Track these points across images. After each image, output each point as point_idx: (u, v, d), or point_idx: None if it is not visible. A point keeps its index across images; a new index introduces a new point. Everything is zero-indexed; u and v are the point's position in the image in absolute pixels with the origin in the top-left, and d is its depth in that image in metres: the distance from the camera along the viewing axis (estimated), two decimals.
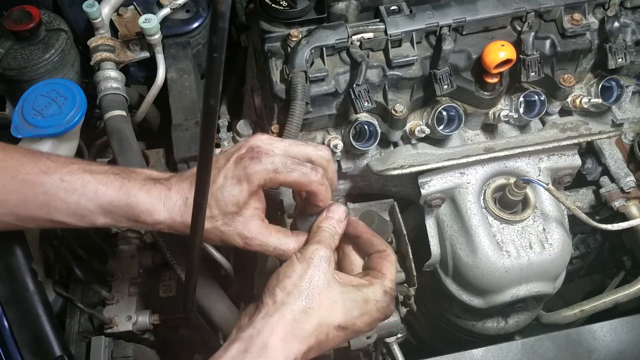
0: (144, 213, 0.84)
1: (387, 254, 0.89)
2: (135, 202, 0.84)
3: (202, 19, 1.36)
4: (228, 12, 0.51)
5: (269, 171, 0.82)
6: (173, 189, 0.85)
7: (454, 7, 1.10)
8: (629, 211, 1.23)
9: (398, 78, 1.11)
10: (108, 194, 0.84)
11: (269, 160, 0.82)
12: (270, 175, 0.82)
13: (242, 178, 0.82)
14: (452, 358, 1.10)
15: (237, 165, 0.83)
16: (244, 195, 0.83)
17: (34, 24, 1.20)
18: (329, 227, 0.86)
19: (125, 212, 0.84)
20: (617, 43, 1.14)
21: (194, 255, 0.79)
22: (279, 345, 0.75)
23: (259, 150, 0.83)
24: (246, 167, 0.82)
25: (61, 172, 0.84)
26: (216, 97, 0.58)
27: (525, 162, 1.15)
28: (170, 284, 1.26)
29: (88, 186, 0.84)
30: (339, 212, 0.88)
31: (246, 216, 0.85)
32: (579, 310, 1.28)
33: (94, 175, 0.85)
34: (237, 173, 0.82)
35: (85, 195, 0.84)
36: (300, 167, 0.84)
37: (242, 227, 0.85)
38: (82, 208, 0.84)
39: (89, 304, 1.23)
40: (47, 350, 0.95)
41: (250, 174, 0.82)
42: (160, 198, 0.84)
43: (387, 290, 0.85)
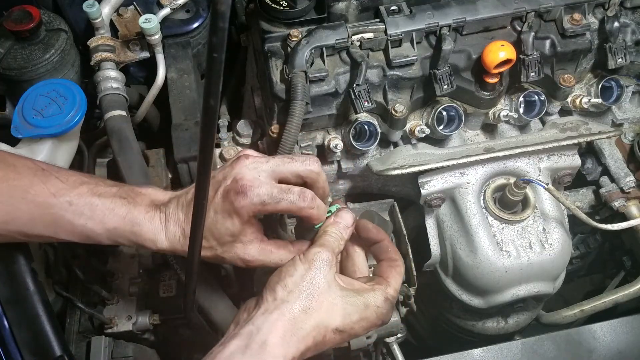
0: (147, 241, 0.88)
1: (398, 264, 0.91)
2: (139, 230, 0.87)
3: (202, 19, 1.36)
4: (228, 12, 0.51)
5: (256, 204, 0.83)
6: (171, 219, 0.88)
7: (454, 7, 1.10)
8: (628, 211, 1.23)
9: (398, 78, 1.11)
10: (114, 220, 0.87)
11: (255, 194, 0.83)
12: (257, 208, 0.84)
13: (232, 212, 0.84)
14: (452, 358, 1.10)
15: (224, 200, 0.84)
16: (237, 227, 0.85)
17: (34, 24, 1.19)
18: (335, 232, 0.87)
19: (130, 238, 0.88)
20: (617, 43, 1.14)
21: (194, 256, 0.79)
22: (278, 343, 0.75)
23: (243, 184, 0.83)
24: (233, 202, 0.83)
25: (70, 195, 0.87)
26: (216, 97, 0.58)
27: (525, 162, 1.15)
28: (170, 284, 1.26)
29: (95, 211, 0.87)
30: (347, 218, 0.90)
31: (244, 242, 0.87)
32: (579, 310, 1.28)
33: (101, 199, 0.87)
34: (225, 207, 0.84)
35: (93, 220, 0.87)
36: (287, 195, 0.84)
37: (242, 252, 0.88)
38: (88, 231, 0.87)
39: (89, 303, 1.23)
40: (47, 350, 0.95)
41: (238, 209, 0.83)
42: (161, 229, 0.87)
43: (388, 298, 0.85)
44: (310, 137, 1.15)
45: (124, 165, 1.12)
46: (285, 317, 0.77)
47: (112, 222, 0.87)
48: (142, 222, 0.87)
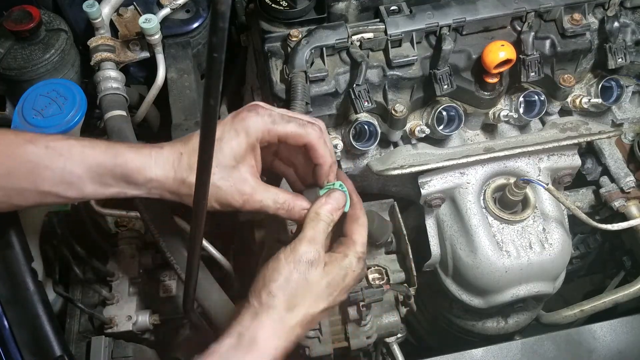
0: (134, 171, 0.81)
1: (358, 217, 0.89)
2: (123, 161, 0.81)
3: (202, 19, 1.36)
4: (228, 12, 0.51)
5: (267, 122, 0.82)
6: (165, 147, 0.83)
7: (454, 7, 1.10)
8: (628, 211, 1.23)
9: (398, 78, 1.11)
10: (95, 155, 0.81)
11: (267, 113, 0.83)
12: (268, 127, 0.82)
13: (240, 130, 0.82)
14: (452, 358, 1.10)
15: (234, 119, 0.83)
16: (242, 148, 0.82)
17: (34, 24, 1.19)
18: (325, 215, 0.85)
19: (114, 172, 0.81)
20: (617, 43, 1.14)
21: (194, 255, 0.79)
22: (268, 337, 0.78)
23: (257, 105, 0.83)
24: (244, 118, 0.82)
25: (45, 139, 0.82)
26: (216, 97, 0.58)
27: (525, 162, 1.15)
28: (170, 284, 1.26)
29: (73, 149, 0.81)
30: (339, 199, 0.87)
31: (243, 171, 0.83)
32: (578, 310, 1.28)
33: (79, 140, 0.83)
34: (234, 126, 0.82)
35: (71, 159, 0.81)
36: (296, 119, 0.84)
37: (241, 182, 0.83)
38: (68, 173, 0.81)
39: (89, 304, 1.23)
40: (47, 350, 0.95)
41: (248, 125, 0.81)
42: (151, 156, 0.82)
43: (360, 257, 0.86)
44: None
45: None
46: (273, 319, 0.79)
47: (92, 158, 0.81)
48: (126, 153, 0.81)
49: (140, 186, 0.82)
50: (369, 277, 1.11)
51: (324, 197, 0.86)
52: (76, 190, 0.82)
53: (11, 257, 0.99)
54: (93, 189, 0.83)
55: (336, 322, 1.12)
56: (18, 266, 0.99)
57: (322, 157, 0.86)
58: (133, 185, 0.82)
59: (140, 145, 0.84)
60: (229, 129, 0.82)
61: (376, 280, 1.10)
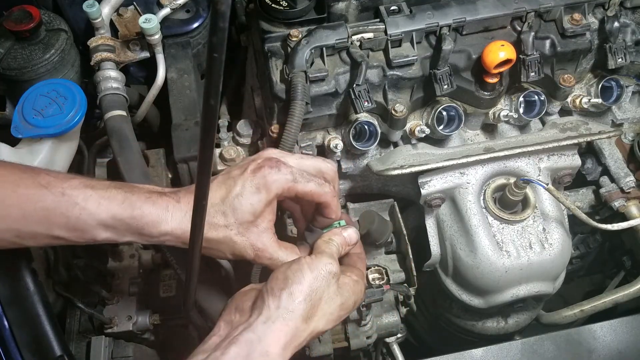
0: (149, 225, 0.82)
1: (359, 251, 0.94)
2: (139, 214, 0.82)
3: (202, 19, 1.36)
4: (228, 12, 0.51)
5: (288, 180, 0.84)
6: (182, 200, 0.84)
7: (454, 7, 1.10)
8: (628, 211, 1.23)
9: (398, 78, 1.11)
10: (110, 207, 0.82)
11: (288, 170, 0.84)
12: (289, 185, 0.84)
13: (261, 187, 0.83)
14: (452, 358, 1.10)
15: (255, 174, 0.84)
16: (261, 205, 0.84)
17: (34, 24, 1.20)
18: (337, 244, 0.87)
19: (129, 225, 0.82)
20: (617, 43, 1.14)
21: (194, 255, 0.79)
22: (279, 353, 0.75)
23: (278, 160, 0.85)
24: (265, 175, 0.83)
25: (62, 186, 0.83)
26: (216, 97, 0.58)
27: (525, 162, 1.15)
28: (170, 284, 1.26)
29: (89, 200, 0.82)
30: (353, 237, 0.90)
31: (260, 228, 0.86)
32: (578, 310, 1.28)
33: (95, 189, 0.83)
34: (255, 182, 0.83)
35: (87, 210, 0.82)
36: (315, 178, 0.86)
37: (256, 238, 0.85)
38: (83, 223, 0.82)
39: (89, 304, 1.23)
40: (47, 350, 0.95)
41: (269, 182, 0.83)
42: (167, 209, 0.83)
43: (364, 284, 0.89)
44: (310, 137, 1.15)
45: (124, 165, 1.12)
46: (288, 327, 0.76)
47: (108, 210, 0.82)
48: (143, 206, 0.82)
49: (153, 237, 0.84)
50: (369, 277, 1.11)
51: (340, 230, 0.89)
52: (89, 237, 0.84)
53: (11, 257, 0.99)
54: (105, 237, 0.84)
55: None
56: (18, 266, 1.00)
57: (334, 213, 0.89)
58: (147, 236, 0.84)
59: (156, 196, 0.84)
60: (250, 185, 0.84)
61: (376, 280, 1.10)
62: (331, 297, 0.81)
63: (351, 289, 0.84)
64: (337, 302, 0.81)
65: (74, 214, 0.82)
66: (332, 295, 0.81)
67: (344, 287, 0.83)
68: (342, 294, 0.82)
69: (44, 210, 0.82)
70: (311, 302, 0.78)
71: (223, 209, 0.84)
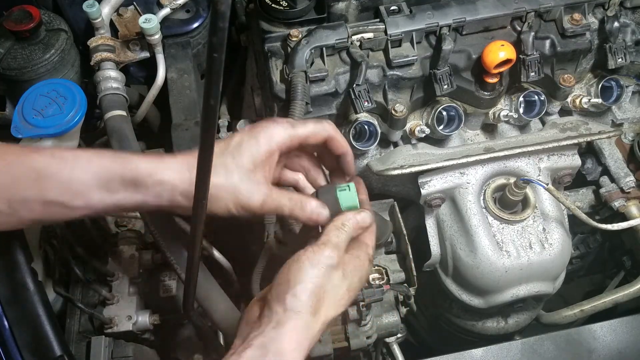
0: (143, 174, 0.79)
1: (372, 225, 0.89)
2: (133, 166, 0.79)
3: (202, 19, 1.36)
4: (228, 12, 0.51)
5: (287, 128, 0.83)
6: (178, 156, 0.82)
7: (454, 7, 1.10)
8: (628, 211, 1.23)
9: (398, 78, 1.11)
10: (102, 162, 0.79)
11: (284, 120, 0.85)
12: (289, 132, 0.83)
13: (261, 137, 0.82)
14: (452, 358, 1.10)
15: (253, 128, 0.84)
16: (261, 154, 0.82)
17: (34, 24, 1.20)
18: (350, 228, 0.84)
19: (122, 177, 0.79)
20: (617, 43, 1.14)
21: (194, 255, 0.79)
22: (294, 349, 0.75)
23: (275, 119, 0.87)
24: (265, 127, 0.83)
25: (51, 149, 0.81)
26: (216, 97, 0.58)
27: (525, 162, 1.15)
28: (170, 284, 1.26)
29: (80, 158, 0.80)
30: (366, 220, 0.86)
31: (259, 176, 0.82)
32: (578, 310, 1.28)
33: (84, 150, 0.82)
34: (254, 134, 0.83)
35: (78, 167, 0.79)
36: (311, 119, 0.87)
37: (258, 185, 0.82)
38: (75, 181, 0.79)
39: (89, 303, 1.23)
40: (47, 350, 0.95)
41: (269, 133, 0.83)
42: (162, 160, 0.81)
43: (371, 259, 0.86)
44: None
45: None
46: (299, 326, 0.76)
47: (100, 164, 0.79)
48: (136, 159, 0.80)
49: (149, 189, 0.80)
50: (369, 277, 1.11)
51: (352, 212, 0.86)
52: (82, 199, 0.80)
53: (11, 257, 0.99)
54: (99, 197, 0.80)
55: (336, 322, 1.12)
56: (18, 266, 0.99)
57: (344, 146, 0.88)
58: (142, 188, 0.80)
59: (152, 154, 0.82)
60: (248, 136, 0.83)
61: (376, 280, 1.10)
62: (336, 285, 0.80)
63: (356, 269, 0.83)
64: (343, 287, 0.81)
65: (65, 173, 0.79)
66: (338, 283, 0.80)
67: (348, 269, 0.82)
68: (346, 277, 0.81)
69: (33, 172, 0.79)
70: (316, 296, 0.77)
71: (223, 159, 0.81)
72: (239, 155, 0.81)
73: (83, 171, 0.79)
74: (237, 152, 0.82)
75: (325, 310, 0.78)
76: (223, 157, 0.81)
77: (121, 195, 0.81)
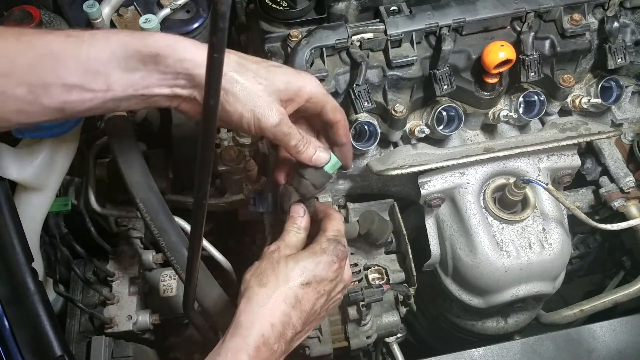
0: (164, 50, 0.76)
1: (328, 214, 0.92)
2: (152, 41, 0.76)
3: (202, 20, 1.36)
4: (228, 13, 0.52)
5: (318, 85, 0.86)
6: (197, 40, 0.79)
7: (454, 7, 1.10)
8: (628, 211, 1.23)
9: (398, 78, 1.11)
10: (120, 38, 0.76)
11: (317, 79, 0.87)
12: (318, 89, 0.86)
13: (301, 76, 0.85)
14: (452, 358, 1.11)
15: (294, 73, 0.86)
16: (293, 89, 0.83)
17: (34, 24, 1.19)
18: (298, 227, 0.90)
19: (141, 53, 0.76)
20: (616, 43, 1.14)
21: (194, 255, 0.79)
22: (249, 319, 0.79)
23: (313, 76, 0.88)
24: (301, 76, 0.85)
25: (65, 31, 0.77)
26: (216, 97, 0.58)
27: (524, 162, 1.15)
28: (170, 284, 1.26)
29: (96, 36, 0.77)
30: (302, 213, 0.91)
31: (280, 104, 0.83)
32: (578, 310, 1.28)
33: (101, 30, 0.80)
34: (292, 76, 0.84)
35: (96, 45, 0.76)
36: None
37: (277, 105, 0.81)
38: (93, 60, 0.75)
39: (89, 303, 1.23)
40: (47, 350, 0.95)
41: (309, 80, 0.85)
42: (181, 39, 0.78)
43: (330, 238, 0.87)
44: None
45: (124, 165, 1.12)
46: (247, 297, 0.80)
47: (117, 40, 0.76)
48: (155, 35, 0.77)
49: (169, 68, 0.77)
50: (369, 277, 1.12)
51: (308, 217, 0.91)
52: (102, 80, 0.76)
53: (11, 257, 0.99)
54: (119, 77, 0.77)
55: (336, 322, 1.12)
56: (18, 266, 1.00)
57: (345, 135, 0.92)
58: (162, 66, 0.77)
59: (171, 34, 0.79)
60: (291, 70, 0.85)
61: (376, 280, 1.11)
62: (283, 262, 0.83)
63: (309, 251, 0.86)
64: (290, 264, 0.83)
65: (82, 52, 0.76)
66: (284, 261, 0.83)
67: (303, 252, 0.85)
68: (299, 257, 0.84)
69: (51, 54, 0.75)
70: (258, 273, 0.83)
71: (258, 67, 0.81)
72: (272, 75, 0.82)
73: (101, 49, 0.76)
74: (273, 71, 0.82)
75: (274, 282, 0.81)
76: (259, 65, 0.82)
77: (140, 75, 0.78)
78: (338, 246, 0.87)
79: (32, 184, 1.10)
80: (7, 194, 1.02)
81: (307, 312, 0.81)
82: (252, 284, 0.81)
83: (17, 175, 1.06)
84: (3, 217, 0.99)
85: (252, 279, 0.82)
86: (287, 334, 0.79)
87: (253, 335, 0.76)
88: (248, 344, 0.76)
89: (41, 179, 1.11)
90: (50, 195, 1.16)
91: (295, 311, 0.80)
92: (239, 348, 0.76)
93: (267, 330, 0.77)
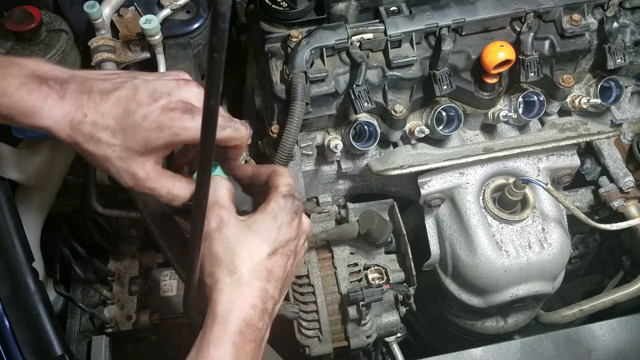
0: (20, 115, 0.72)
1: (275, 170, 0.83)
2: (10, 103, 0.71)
3: (203, 20, 1.36)
4: (228, 13, 0.52)
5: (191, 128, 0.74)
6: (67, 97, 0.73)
7: (454, 7, 1.10)
8: (627, 211, 1.23)
9: (398, 78, 1.11)
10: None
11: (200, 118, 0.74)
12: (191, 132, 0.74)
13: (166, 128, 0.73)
14: (452, 357, 1.11)
15: (165, 113, 0.73)
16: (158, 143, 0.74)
17: (34, 24, 1.20)
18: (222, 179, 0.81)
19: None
20: (616, 43, 1.15)
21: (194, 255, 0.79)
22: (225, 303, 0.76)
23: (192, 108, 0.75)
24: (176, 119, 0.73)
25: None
26: (216, 98, 0.59)
27: (524, 162, 1.15)
28: (171, 284, 1.26)
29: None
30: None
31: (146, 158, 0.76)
32: (578, 310, 1.28)
33: None
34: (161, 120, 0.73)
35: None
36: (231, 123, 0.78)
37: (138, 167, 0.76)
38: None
39: (89, 303, 1.23)
40: (48, 350, 0.96)
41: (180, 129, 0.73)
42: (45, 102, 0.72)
43: (285, 195, 0.80)
44: (310, 137, 1.16)
45: None
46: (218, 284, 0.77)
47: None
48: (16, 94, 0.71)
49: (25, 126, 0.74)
50: (369, 276, 1.12)
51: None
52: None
53: (12, 257, 1.00)
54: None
55: (336, 321, 1.12)
56: (19, 266, 1.00)
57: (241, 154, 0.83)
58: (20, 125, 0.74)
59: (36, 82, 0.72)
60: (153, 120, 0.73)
61: (376, 280, 1.11)
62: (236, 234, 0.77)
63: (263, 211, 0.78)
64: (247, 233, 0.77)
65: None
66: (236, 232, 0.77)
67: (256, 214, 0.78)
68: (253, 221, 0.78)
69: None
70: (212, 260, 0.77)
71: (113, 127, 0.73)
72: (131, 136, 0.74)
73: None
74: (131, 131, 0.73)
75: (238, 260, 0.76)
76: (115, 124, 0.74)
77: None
78: (295, 201, 0.80)
79: (32, 184, 1.10)
80: (7, 194, 1.03)
81: (281, 278, 0.78)
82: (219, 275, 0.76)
83: (17, 175, 1.06)
84: (3, 217, 1.00)
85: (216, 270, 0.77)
86: (269, 306, 0.77)
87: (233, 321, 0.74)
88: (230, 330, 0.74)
89: (41, 179, 1.11)
90: (51, 195, 1.16)
91: (270, 283, 0.77)
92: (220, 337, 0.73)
93: (248, 313, 0.75)
